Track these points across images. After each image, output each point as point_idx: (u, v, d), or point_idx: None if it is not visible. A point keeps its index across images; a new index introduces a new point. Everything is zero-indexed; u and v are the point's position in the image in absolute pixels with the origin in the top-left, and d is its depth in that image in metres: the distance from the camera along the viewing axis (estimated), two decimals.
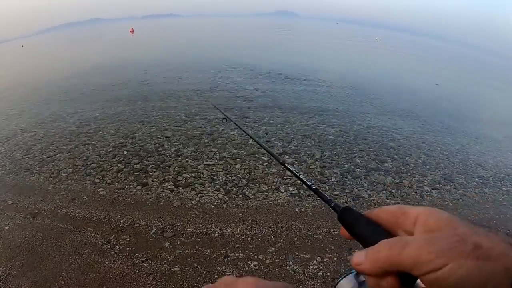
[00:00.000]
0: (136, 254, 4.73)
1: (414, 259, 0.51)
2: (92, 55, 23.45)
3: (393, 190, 7.50)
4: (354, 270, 0.70)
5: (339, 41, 54.56)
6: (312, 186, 0.99)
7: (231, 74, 16.23)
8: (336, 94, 15.45)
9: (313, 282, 4.67)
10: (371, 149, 9.29)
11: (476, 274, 0.47)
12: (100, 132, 8.85)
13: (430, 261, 0.49)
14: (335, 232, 5.74)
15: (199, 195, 6.34)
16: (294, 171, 1.17)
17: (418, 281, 0.54)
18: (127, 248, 4.83)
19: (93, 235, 5.05)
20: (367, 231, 0.66)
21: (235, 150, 8.08)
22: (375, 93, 16.97)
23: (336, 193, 6.95)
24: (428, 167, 8.93)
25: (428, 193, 7.71)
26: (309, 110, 12.04)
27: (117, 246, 4.84)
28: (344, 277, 0.72)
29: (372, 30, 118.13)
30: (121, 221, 5.40)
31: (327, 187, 7.09)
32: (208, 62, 19.99)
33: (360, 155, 8.82)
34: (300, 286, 4.59)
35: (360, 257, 0.59)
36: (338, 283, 0.72)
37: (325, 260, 5.10)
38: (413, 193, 7.60)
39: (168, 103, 11.51)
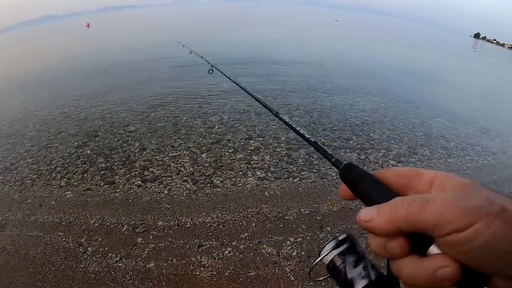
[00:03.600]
0: (110, 254, 4.73)
1: (439, 217, 0.47)
2: (46, 54, 22.69)
3: (359, 166, 7.66)
4: (340, 236, 0.69)
5: (299, 23, 54.45)
6: (311, 139, 0.92)
7: (188, 65, 16.07)
8: (296, 75, 15.56)
9: (288, 263, 4.79)
10: (335, 128, 9.46)
11: (502, 236, 0.45)
12: (62, 133, 8.66)
13: (458, 219, 0.46)
14: (306, 212, 5.89)
15: (167, 188, 6.35)
16: (290, 123, 1.11)
17: (431, 248, 0.51)
18: (100, 249, 4.82)
19: (64, 239, 5.01)
20: (375, 190, 0.62)
21: (200, 139, 8.08)
22: (336, 73, 17.28)
23: (304, 173, 7.07)
24: (392, 141, 9.19)
25: (394, 167, 7.91)
26: (271, 93, 12.12)
27: (89, 248, 4.83)
28: (328, 243, 0.69)
29: (335, 11, 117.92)
30: (91, 222, 5.37)
31: (294, 168, 7.20)
32: (166, 53, 19.66)
33: (325, 134, 8.98)
34: (276, 268, 4.71)
35: (370, 213, 0.55)
36: (322, 248, 0.69)
37: (298, 240, 5.23)
38: (379, 167, 7.79)
39: (129, 97, 11.30)
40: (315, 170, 7.21)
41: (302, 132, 0.97)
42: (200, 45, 17.57)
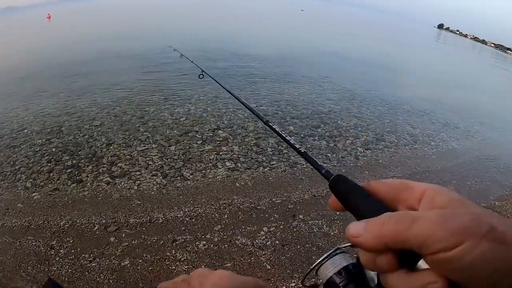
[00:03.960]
0: (83, 255, 4.67)
1: (426, 236, 0.47)
2: (3, 48, 21.88)
3: (328, 154, 7.82)
4: (339, 251, 0.67)
5: (264, 13, 54.13)
6: (300, 149, 0.89)
7: (152, 56, 15.79)
8: (261, 66, 15.55)
9: (263, 252, 4.87)
10: (303, 116, 9.55)
11: (489, 257, 0.45)
12: (25, 130, 8.38)
13: (444, 239, 0.46)
14: (278, 201, 5.96)
15: (136, 183, 6.29)
16: (280, 132, 1.06)
17: (420, 262, 0.51)
18: (72, 251, 4.75)
19: (34, 243, 4.90)
20: (365, 203, 0.61)
21: (167, 131, 8.03)
22: (301, 63, 17.34)
23: (273, 163, 7.13)
24: (360, 129, 9.37)
25: (362, 154, 8.12)
26: (238, 84, 12.11)
27: (61, 251, 4.75)
28: (329, 258, 0.67)
29: (303, 1, 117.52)
30: (61, 223, 5.27)
31: (263, 158, 7.25)
32: (131, 44, 19.24)
33: (293, 123, 9.07)
34: (252, 258, 4.77)
35: (358, 228, 0.55)
36: (322, 264, 0.67)
37: (271, 229, 5.31)
38: (348, 155, 7.97)
39: (93, 90, 11.03)
40: (285, 160, 7.29)
41: (292, 142, 0.94)
42: (163, 32, 17.31)
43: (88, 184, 6.33)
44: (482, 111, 16.63)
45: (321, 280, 0.67)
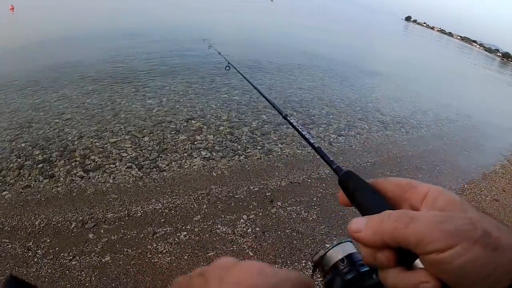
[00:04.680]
0: (62, 254, 4.57)
1: (421, 236, 0.49)
2: None
3: (302, 141, 7.83)
4: (343, 240, 0.71)
5: (230, 5, 53.61)
6: (314, 144, 0.95)
7: (122, 45, 15.47)
8: (230, 56, 15.44)
9: (245, 240, 4.92)
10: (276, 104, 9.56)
11: (481, 262, 0.46)
12: None
13: (438, 240, 0.47)
14: (255, 189, 6.00)
15: (111, 176, 6.17)
16: (297, 126, 1.13)
17: (417, 261, 0.52)
18: (50, 251, 4.64)
19: (10, 246, 4.72)
20: (370, 200, 0.63)
21: (140, 122, 7.90)
22: (273, 53, 17.30)
23: (249, 151, 7.14)
24: (331, 116, 9.52)
25: (336, 140, 8.24)
26: (209, 74, 12.00)
27: (39, 251, 4.62)
28: (332, 247, 0.71)
29: None
30: (36, 223, 5.11)
31: (238, 146, 7.25)
32: (100, 35, 18.73)
33: (266, 112, 9.10)
34: (234, 246, 4.79)
35: (360, 224, 0.57)
36: (326, 253, 0.72)
37: (251, 217, 5.35)
38: (322, 141, 8.07)
39: (61, 83, 10.68)
40: (260, 147, 7.33)
41: (308, 136, 1.01)
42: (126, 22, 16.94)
43: (61, 179, 6.13)
44: (450, 99, 17.14)
45: (326, 266, 0.71)
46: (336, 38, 29.49)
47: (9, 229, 5.05)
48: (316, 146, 0.93)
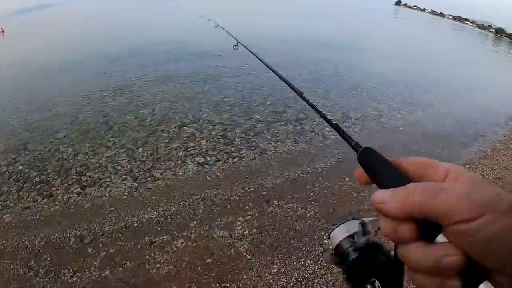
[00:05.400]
0: (63, 271, 4.62)
1: (450, 206, 0.48)
2: None
3: (296, 137, 7.90)
4: (350, 218, 0.71)
5: None
6: (332, 121, 0.95)
7: (110, 60, 15.48)
8: (221, 57, 15.37)
9: (242, 242, 4.93)
10: (268, 103, 9.62)
11: (508, 234, 0.46)
12: None
13: (467, 210, 0.47)
14: (250, 190, 6.01)
15: (107, 190, 6.23)
16: (315, 105, 1.10)
17: (439, 237, 0.51)
18: (51, 268, 4.69)
19: (12, 266, 4.79)
20: (392, 176, 0.62)
21: (134, 134, 7.94)
22: (265, 49, 17.22)
23: (242, 152, 7.17)
24: (326, 108, 9.51)
25: (330, 133, 8.20)
26: (200, 78, 12.02)
27: (40, 270, 4.68)
28: (338, 226, 0.71)
29: None
30: (36, 242, 5.17)
31: (232, 149, 7.28)
32: (90, 48, 18.77)
33: (259, 110, 9.12)
34: (232, 250, 4.81)
35: (385, 195, 0.56)
36: (332, 231, 0.72)
37: (247, 218, 5.37)
38: (316, 135, 8.10)
39: (53, 101, 10.67)
40: (254, 147, 7.34)
41: (324, 113, 1.00)
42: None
43: (59, 197, 6.19)
44: (446, 81, 17.06)
45: (331, 245, 0.71)
46: (327, 27, 29.42)
47: (10, 250, 5.12)
48: (334, 123, 0.94)
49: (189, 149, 7.25)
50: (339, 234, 0.71)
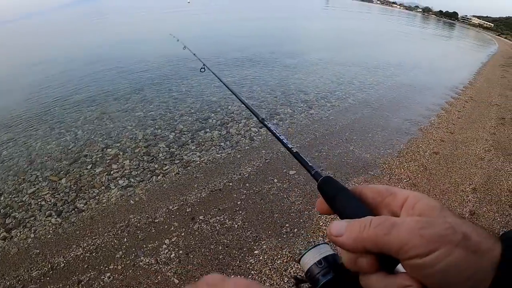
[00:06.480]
0: None
1: (403, 242, 0.49)
2: None
3: (221, 143, 7.86)
4: (319, 243, 0.71)
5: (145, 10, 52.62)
6: (292, 149, 0.94)
7: (32, 83, 14.90)
8: (148, 67, 15.08)
9: (169, 267, 4.89)
10: (192, 111, 9.54)
11: (462, 265, 0.47)
12: None
13: (419, 245, 0.48)
14: (175, 208, 5.96)
15: (32, 230, 6.02)
16: (274, 131, 1.15)
17: (399, 266, 0.53)
18: None
19: None
20: (350, 206, 0.63)
21: (56, 164, 7.69)
22: (180, 57, 17.03)
23: (166, 167, 7.07)
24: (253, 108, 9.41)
25: (257, 133, 8.20)
26: (124, 94, 11.70)
27: None
28: (308, 251, 0.70)
29: None
30: None
31: (156, 165, 7.16)
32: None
33: (183, 120, 9.04)
34: (159, 276, 4.76)
35: (340, 228, 0.57)
36: (302, 257, 0.71)
37: (173, 240, 5.32)
38: (242, 138, 8.11)
39: None
40: (177, 161, 7.28)
41: (285, 141, 1.01)
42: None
43: None
44: (374, 63, 17.45)
45: (303, 271, 0.70)
46: (255, 24, 29.55)
47: None
48: (294, 151, 0.92)
49: (112, 173, 7.10)
50: (309, 259, 0.70)
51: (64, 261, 5.24)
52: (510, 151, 8.67)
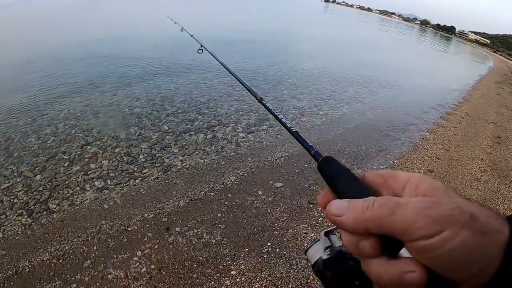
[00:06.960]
0: None
1: (408, 223, 0.47)
2: None
3: (206, 148, 7.62)
4: (319, 237, 0.68)
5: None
6: (292, 128, 0.95)
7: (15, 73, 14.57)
8: (136, 63, 14.72)
9: (139, 283, 4.62)
10: (179, 111, 9.29)
11: (470, 246, 0.45)
12: None
13: (425, 226, 0.46)
14: (150, 216, 5.70)
15: (1, 230, 5.73)
16: (273, 111, 1.11)
17: (402, 250, 0.51)
18: None
19: None
20: (351, 186, 0.61)
21: (33, 159, 7.39)
22: (179, 54, 16.76)
23: (145, 171, 6.83)
24: (241, 113, 9.29)
25: (244, 139, 7.99)
26: (110, 88, 11.34)
27: None
28: (311, 246, 0.68)
29: None
30: None
31: (135, 168, 6.90)
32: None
33: (168, 120, 8.78)
34: None
35: (340, 207, 0.55)
36: (307, 250, 0.68)
37: (146, 252, 5.07)
38: (228, 143, 7.86)
39: None
40: (158, 164, 7.03)
41: (284, 120, 0.99)
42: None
43: None
44: (371, 73, 17.32)
45: (310, 262, 0.68)
46: (254, 25, 29.45)
47: None
48: (293, 130, 0.93)
49: (89, 173, 6.83)
50: (314, 253, 0.68)
51: (29, 266, 4.99)
52: (506, 173, 8.58)
